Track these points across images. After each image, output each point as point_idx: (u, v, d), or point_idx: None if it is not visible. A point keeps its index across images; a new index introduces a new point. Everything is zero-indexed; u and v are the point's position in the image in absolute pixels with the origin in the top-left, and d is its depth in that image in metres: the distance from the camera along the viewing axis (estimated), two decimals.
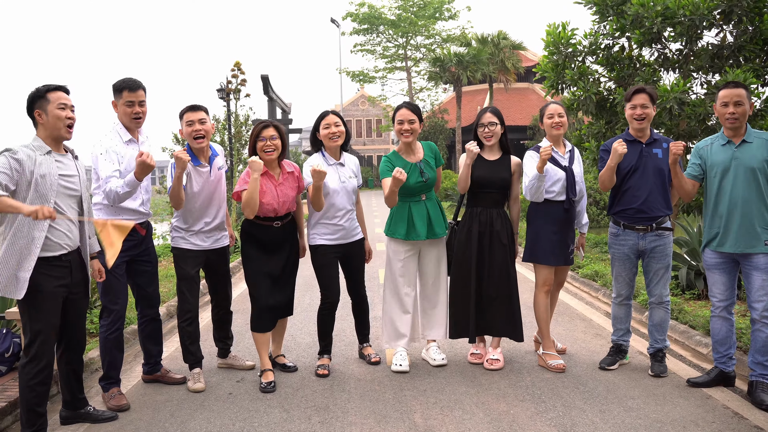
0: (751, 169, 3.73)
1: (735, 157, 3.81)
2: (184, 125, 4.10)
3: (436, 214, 4.41)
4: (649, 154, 4.17)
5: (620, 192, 4.23)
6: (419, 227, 4.34)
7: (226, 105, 13.01)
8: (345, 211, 4.34)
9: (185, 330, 4.15)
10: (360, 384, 4.17)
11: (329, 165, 4.31)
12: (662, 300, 4.25)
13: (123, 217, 3.85)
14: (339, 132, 4.29)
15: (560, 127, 4.35)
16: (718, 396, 3.83)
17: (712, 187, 3.92)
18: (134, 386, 4.26)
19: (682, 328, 5.23)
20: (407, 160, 4.37)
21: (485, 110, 4.45)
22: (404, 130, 4.31)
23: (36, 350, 3.23)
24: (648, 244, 4.17)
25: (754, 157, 3.74)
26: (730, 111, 3.79)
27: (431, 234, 4.38)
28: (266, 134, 4.08)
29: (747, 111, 3.79)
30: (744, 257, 3.78)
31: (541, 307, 4.42)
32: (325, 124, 4.30)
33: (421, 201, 4.39)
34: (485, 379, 4.21)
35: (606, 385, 4.05)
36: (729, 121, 3.82)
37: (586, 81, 8.18)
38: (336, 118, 4.32)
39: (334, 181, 4.29)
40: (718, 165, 3.87)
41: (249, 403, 3.87)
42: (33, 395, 3.23)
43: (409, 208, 4.37)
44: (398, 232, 4.39)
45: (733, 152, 3.82)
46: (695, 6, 6.84)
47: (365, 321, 4.68)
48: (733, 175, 3.79)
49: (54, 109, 3.28)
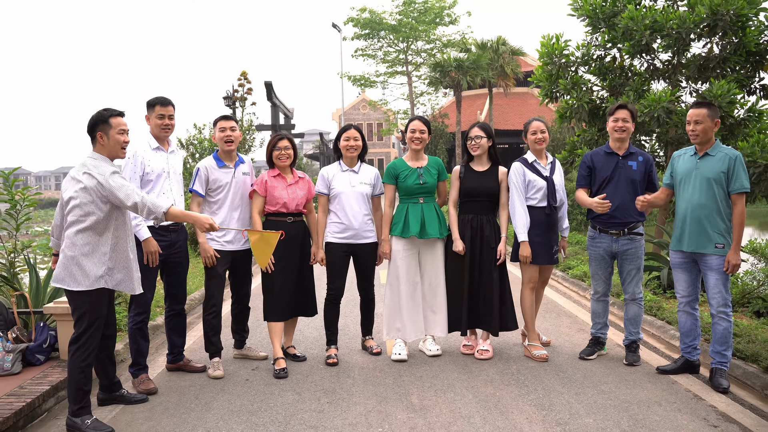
0: (707, 178, 4.19)
1: (696, 167, 4.27)
2: (217, 131, 4.70)
3: (431, 217, 4.85)
4: (624, 165, 4.64)
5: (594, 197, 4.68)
6: (412, 224, 4.82)
7: (233, 112, 13.50)
8: (354, 212, 4.82)
9: (210, 322, 4.63)
10: (363, 371, 4.64)
11: (342, 171, 4.87)
12: (635, 297, 4.73)
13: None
14: (356, 146, 4.86)
15: (542, 142, 4.84)
16: (683, 381, 4.30)
17: (677, 193, 4.41)
18: (159, 374, 4.72)
19: (659, 323, 5.69)
20: (410, 165, 4.88)
21: (474, 125, 4.94)
22: (415, 138, 4.87)
23: (89, 337, 3.67)
24: (621, 247, 4.65)
25: (712, 169, 4.20)
26: (691, 128, 4.27)
27: (423, 234, 4.82)
28: (281, 145, 4.71)
29: (708, 128, 4.21)
30: (700, 258, 4.25)
31: (526, 302, 4.89)
32: (346, 136, 4.88)
33: (419, 203, 4.87)
34: (475, 367, 4.68)
35: (583, 372, 4.52)
36: (691, 136, 4.29)
37: (579, 90, 8.60)
38: (356, 133, 4.90)
39: (344, 184, 4.83)
40: (682, 173, 4.35)
41: (264, 387, 4.34)
42: (83, 376, 3.68)
43: (407, 208, 4.87)
44: (395, 229, 4.88)
45: (696, 163, 4.29)
46: (682, 20, 7.22)
47: (370, 317, 5.17)
48: (692, 183, 4.26)
49: (115, 134, 3.74)
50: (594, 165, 4.75)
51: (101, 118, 3.74)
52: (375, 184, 4.99)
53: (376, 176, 5.02)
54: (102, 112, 3.76)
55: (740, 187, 4.12)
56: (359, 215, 4.85)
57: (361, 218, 4.85)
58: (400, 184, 4.88)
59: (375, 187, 4.98)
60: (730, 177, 4.14)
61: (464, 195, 4.89)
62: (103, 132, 3.73)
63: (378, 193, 5.01)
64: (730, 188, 4.15)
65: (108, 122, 3.73)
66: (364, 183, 4.90)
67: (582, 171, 4.79)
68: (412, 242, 4.90)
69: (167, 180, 4.41)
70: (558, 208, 4.91)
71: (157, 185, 4.35)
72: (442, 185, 5.07)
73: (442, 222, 4.96)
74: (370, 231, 4.94)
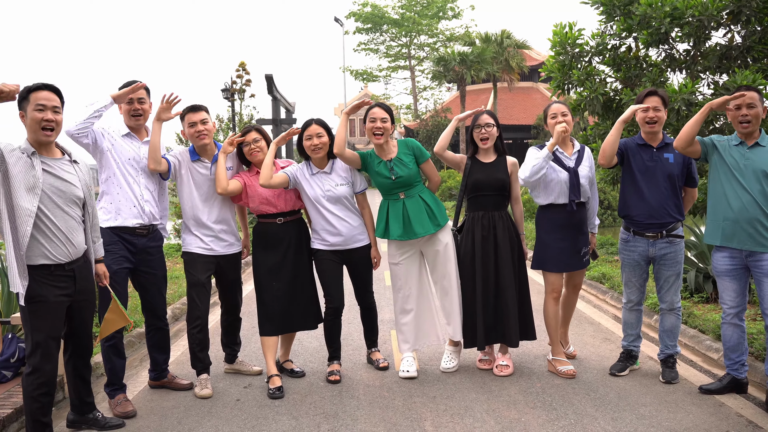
0: (762, 171, 3.68)
1: (747, 158, 3.75)
2: (186, 126, 4.13)
3: (417, 212, 4.24)
4: (660, 158, 4.11)
5: (630, 196, 4.17)
6: (393, 227, 4.28)
7: (231, 105, 13.00)
8: (336, 219, 4.23)
9: (195, 337, 4.12)
10: (369, 390, 4.13)
11: (311, 175, 4.25)
12: (673, 306, 4.21)
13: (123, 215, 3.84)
14: (321, 143, 4.19)
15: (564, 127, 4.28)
16: (731, 403, 3.78)
17: (719, 186, 3.84)
18: (141, 391, 4.23)
19: (691, 332, 5.18)
20: (380, 158, 4.31)
21: (482, 112, 4.41)
22: (375, 129, 4.22)
23: (38, 361, 3.17)
24: (658, 251, 4.12)
25: (765, 161, 3.69)
26: (743, 113, 3.75)
27: (409, 234, 4.25)
28: (249, 138, 4.17)
29: (760, 114, 3.74)
30: (754, 263, 3.72)
31: (549, 313, 4.37)
32: (308, 134, 4.21)
33: (399, 199, 4.30)
34: (495, 385, 4.17)
35: (617, 392, 4.00)
36: (742, 124, 3.77)
37: (593, 81, 8.12)
38: (319, 128, 4.22)
39: (315, 190, 4.22)
40: (729, 164, 3.80)
41: (257, 410, 3.84)
42: (37, 406, 3.19)
43: (387, 207, 4.33)
44: (377, 230, 4.37)
45: (746, 153, 3.77)
46: (704, 6, 6.78)
47: (374, 327, 4.64)
48: (744, 177, 3.73)
49: (32, 111, 3.12)
50: (627, 152, 4.19)
51: (22, 95, 3.10)
52: (353, 180, 4.34)
53: (347, 170, 4.36)
54: (25, 87, 3.13)
55: None
56: (344, 221, 4.26)
57: (346, 223, 4.26)
58: (374, 178, 4.31)
59: (354, 184, 4.34)
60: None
61: (471, 189, 4.34)
62: (23, 110, 3.14)
63: (360, 189, 4.37)
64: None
65: (27, 98, 3.12)
66: (340, 185, 4.27)
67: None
68: (404, 244, 4.35)
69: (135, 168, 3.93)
70: (584, 203, 4.39)
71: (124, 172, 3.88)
72: (427, 168, 4.40)
73: (436, 212, 4.31)
74: (360, 234, 4.34)
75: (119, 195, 3.90)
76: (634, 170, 4.15)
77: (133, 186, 3.92)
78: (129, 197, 3.91)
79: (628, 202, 4.20)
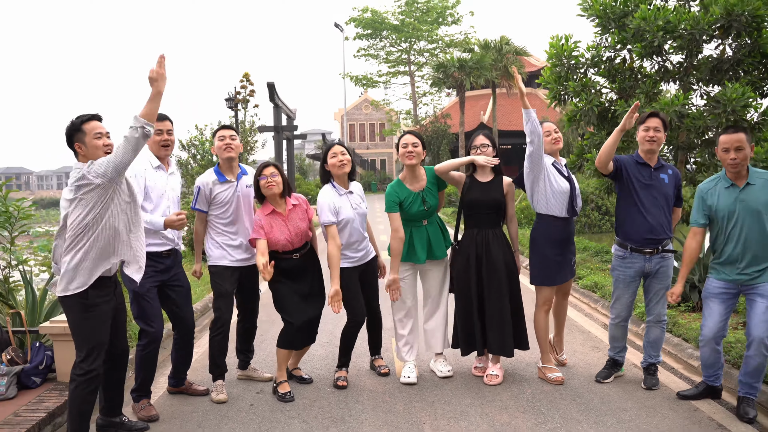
0: (756, 211, 3.93)
1: (740, 200, 3.98)
2: (216, 140, 4.53)
3: (437, 237, 4.70)
4: (657, 178, 4.41)
5: (630, 214, 4.41)
6: (419, 252, 4.64)
7: (235, 114, 13.34)
8: (362, 237, 4.65)
9: (217, 343, 4.46)
10: (373, 395, 4.47)
11: (340, 195, 4.59)
12: (660, 319, 4.53)
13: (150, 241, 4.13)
14: (346, 160, 4.58)
15: (558, 141, 4.66)
16: (705, 408, 4.12)
17: (720, 230, 4.08)
18: (160, 396, 4.55)
19: (675, 340, 5.52)
20: (411, 190, 4.65)
21: (477, 133, 4.76)
22: (407, 153, 4.62)
23: (91, 366, 3.49)
24: (653, 266, 4.42)
25: (758, 200, 3.93)
26: (731, 156, 3.95)
27: (431, 256, 4.69)
28: (267, 172, 4.40)
29: (748, 154, 3.95)
30: (748, 288, 3.99)
31: (541, 324, 4.70)
32: (333, 153, 4.59)
33: (423, 226, 4.69)
34: (488, 391, 4.51)
35: (601, 397, 4.34)
36: (731, 166, 3.98)
37: (588, 93, 8.45)
38: (342, 148, 4.65)
39: (348, 209, 4.57)
40: (724, 209, 4.03)
41: (270, 414, 4.17)
42: (86, 405, 3.52)
43: (410, 233, 4.67)
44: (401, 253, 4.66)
45: (738, 195, 4.01)
46: (696, 20, 7.09)
47: (378, 335, 4.99)
48: (741, 219, 3.96)
49: (92, 140, 3.48)
50: (626, 169, 4.45)
51: (74, 127, 3.49)
52: (365, 199, 4.82)
53: (361, 189, 4.83)
54: (74, 121, 3.52)
55: None
56: (364, 236, 4.70)
57: (365, 240, 4.72)
58: (404, 211, 4.65)
59: (365, 202, 4.81)
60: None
61: (468, 207, 4.70)
62: (80, 142, 3.49)
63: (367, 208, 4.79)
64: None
65: (81, 129, 3.49)
66: (361, 203, 4.69)
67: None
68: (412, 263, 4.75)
69: (167, 201, 4.24)
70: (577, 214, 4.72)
71: (159, 206, 4.17)
72: (442, 195, 4.88)
73: (446, 234, 4.81)
74: (370, 247, 4.81)
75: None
76: (634, 187, 4.40)
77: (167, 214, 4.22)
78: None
79: (627, 219, 4.44)
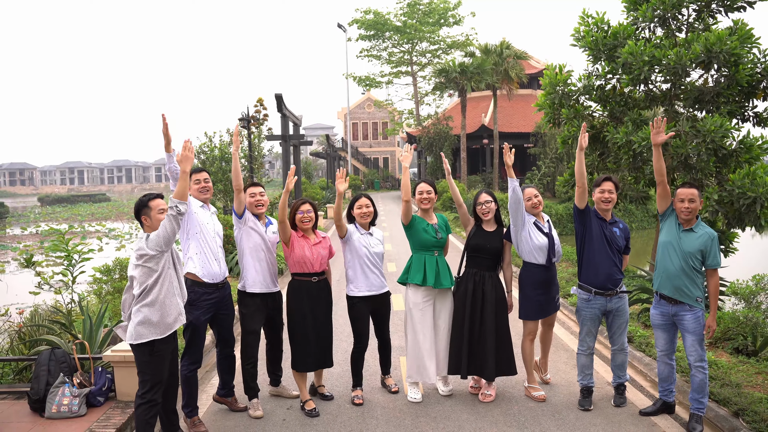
0: (688, 253, 4.81)
1: (680, 238, 4.88)
2: (247, 196, 5.37)
3: (444, 269, 5.55)
4: (611, 231, 5.27)
5: (591, 264, 5.26)
6: (429, 276, 5.48)
7: (249, 134, 14.17)
8: (372, 270, 5.51)
9: (249, 371, 5.32)
10: (385, 411, 5.33)
11: (361, 234, 5.52)
12: (623, 347, 5.40)
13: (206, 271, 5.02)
14: (368, 212, 5.55)
15: (539, 206, 5.50)
16: (662, 423, 4.97)
17: (659, 257, 5.03)
18: (204, 413, 5.39)
19: (647, 360, 6.35)
20: (427, 221, 5.57)
21: (481, 191, 5.61)
22: (423, 199, 5.57)
23: (153, 396, 4.35)
24: (614, 305, 5.27)
25: (692, 245, 4.82)
26: (685, 206, 4.84)
27: (438, 284, 5.50)
28: (304, 209, 5.33)
29: (698, 207, 4.82)
30: (679, 319, 4.88)
31: (526, 351, 5.56)
32: (359, 205, 5.57)
33: (434, 256, 5.54)
34: (482, 407, 5.36)
35: (576, 414, 5.19)
36: (683, 213, 4.85)
37: (581, 120, 9.21)
38: (367, 200, 5.60)
39: (362, 246, 5.48)
40: (665, 242, 4.96)
41: (300, 428, 5.03)
42: (149, 427, 4.37)
43: (424, 260, 5.52)
44: (415, 278, 5.50)
45: (680, 235, 4.90)
46: (678, 56, 7.80)
47: (388, 357, 5.85)
48: (673, 252, 4.88)
49: (155, 214, 4.34)
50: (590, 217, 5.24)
51: (142, 204, 4.34)
52: (383, 243, 5.72)
53: (382, 236, 5.77)
54: (142, 199, 4.37)
55: (715, 264, 4.79)
56: (378, 273, 5.55)
57: (379, 274, 5.56)
58: (420, 235, 5.49)
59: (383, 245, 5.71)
60: (707, 255, 4.79)
61: (471, 250, 5.54)
62: (146, 215, 4.34)
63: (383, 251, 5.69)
64: (706, 264, 4.80)
65: (148, 205, 4.34)
66: (378, 244, 5.61)
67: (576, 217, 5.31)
68: (428, 293, 5.55)
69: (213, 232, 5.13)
70: (557, 260, 5.56)
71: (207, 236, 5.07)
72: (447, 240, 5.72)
73: (450, 272, 5.63)
74: (384, 283, 5.63)
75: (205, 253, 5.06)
76: (594, 238, 5.25)
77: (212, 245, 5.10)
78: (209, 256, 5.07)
79: (590, 267, 5.26)
